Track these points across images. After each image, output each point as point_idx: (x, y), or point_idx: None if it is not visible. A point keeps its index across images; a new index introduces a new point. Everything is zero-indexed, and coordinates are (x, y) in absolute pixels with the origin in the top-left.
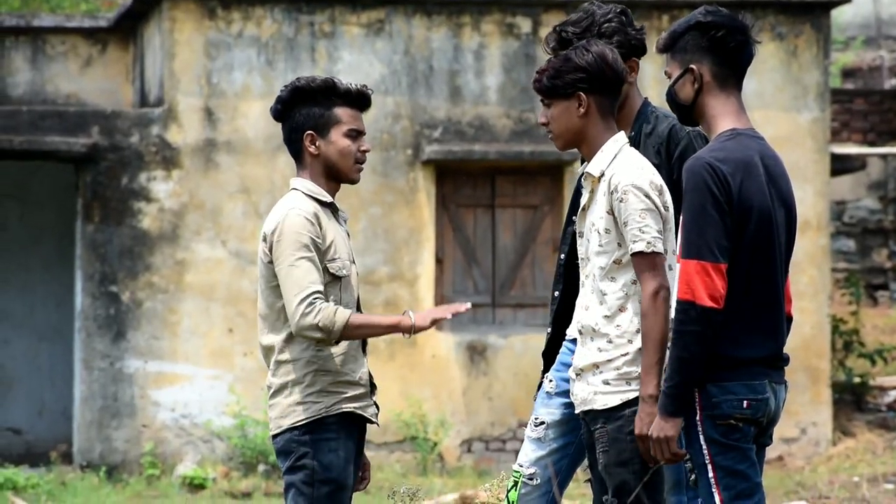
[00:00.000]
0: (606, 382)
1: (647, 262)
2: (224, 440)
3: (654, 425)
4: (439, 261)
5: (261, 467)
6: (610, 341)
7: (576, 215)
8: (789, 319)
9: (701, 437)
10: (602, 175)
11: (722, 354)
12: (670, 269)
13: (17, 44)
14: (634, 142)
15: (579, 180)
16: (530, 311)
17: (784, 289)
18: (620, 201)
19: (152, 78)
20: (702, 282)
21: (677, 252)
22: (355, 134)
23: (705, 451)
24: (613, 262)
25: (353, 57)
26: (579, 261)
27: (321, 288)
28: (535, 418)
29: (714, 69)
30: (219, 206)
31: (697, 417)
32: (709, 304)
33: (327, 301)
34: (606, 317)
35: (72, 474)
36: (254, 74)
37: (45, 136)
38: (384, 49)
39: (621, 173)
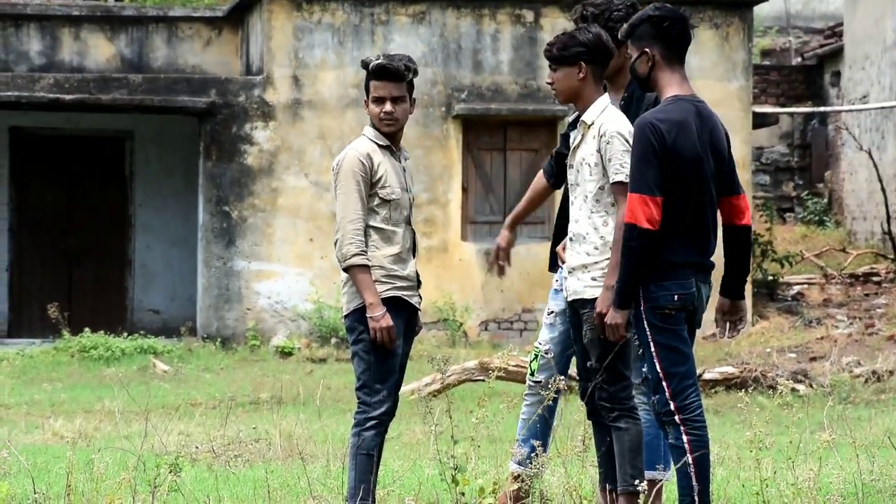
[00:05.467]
0: (594, 279)
1: (625, 189)
2: (306, 320)
3: (608, 315)
4: (465, 189)
5: (333, 340)
6: (596, 248)
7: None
8: (747, 227)
9: (644, 323)
10: (593, 123)
11: (661, 260)
12: None
13: (157, 28)
14: (627, 101)
15: (567, 130)
16: (532, 227)
17: (714, 214)
18: (608, 143)
19: (255, 54)
20: (642, 210)
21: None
22: (378, 99)
23: (648, 333)
24: (599, 188)
25: (402, 39)
26: (569, 186)
27: (360, 216)
28: (548, 309)
29: (662, 51)
30: (303, 149)
31: (642, 308)
32: (646, 226)
33: (375, 226)
34: (595, 228)
35: (196, 343)
36: (329, 52)
37: (176, 97)
38: (425, 33)
39: (608, 123)
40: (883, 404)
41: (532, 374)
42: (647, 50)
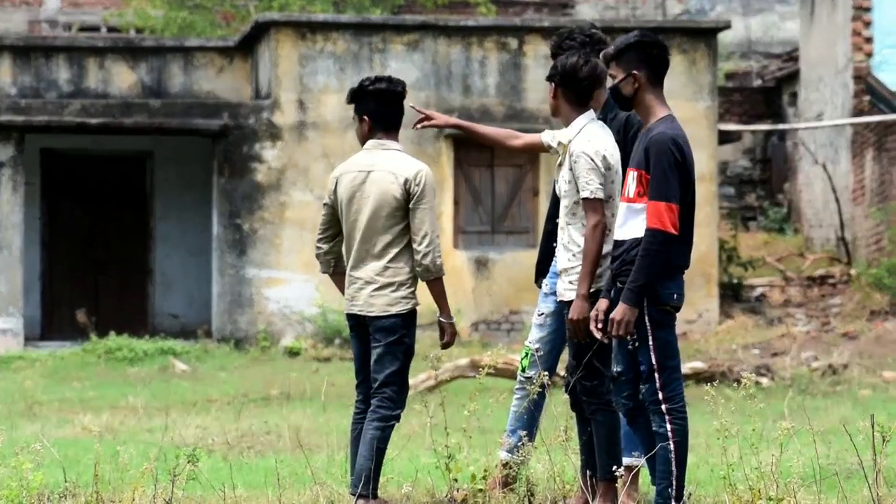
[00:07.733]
0: (571, 283)
1: (590, 205)
2: (312, 323)
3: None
4: (456, 202)
5: (336, 341)
6: (574, 255)
7: None
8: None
9: (646, 318)
10: (569, 143)
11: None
12: (613, 215)
13: (174, 58)
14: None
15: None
16: (518, 236)
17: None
18: (575, 162)
19: (263, 80)
20: (667, 216)
21: (629, 196)
22: None
23: (648, 327)
24: (574, 202)
25: (398, 65)
26: (559, 198)
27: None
28: (538, 311)
29: (648, 74)
30: (308, 166)
31: (644, 305)
32: (671, 231)
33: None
34: (572, 239)
35: (211, 345)
36: (331, 77)
37: (192, 119)
38: (418, 60)
39: (577, 143)
40: (838, 395)
41: (523, 371)
42: (634, 72)
